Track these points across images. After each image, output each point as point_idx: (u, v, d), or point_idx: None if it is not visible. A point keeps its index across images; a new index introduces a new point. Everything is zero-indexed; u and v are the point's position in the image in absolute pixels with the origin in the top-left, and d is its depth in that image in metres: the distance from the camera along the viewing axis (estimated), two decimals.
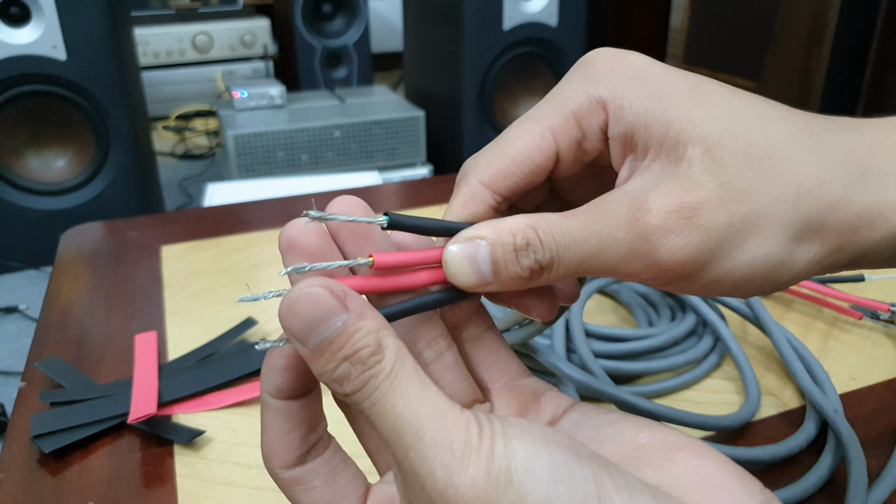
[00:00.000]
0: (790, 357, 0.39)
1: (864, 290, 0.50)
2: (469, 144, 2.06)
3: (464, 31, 1.93)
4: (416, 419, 0.18)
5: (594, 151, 0.23)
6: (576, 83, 0.23)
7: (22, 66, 1.57)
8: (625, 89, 0.22)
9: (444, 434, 0.17)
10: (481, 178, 0.23)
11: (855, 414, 0.38)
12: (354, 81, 2.64)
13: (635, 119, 0.22)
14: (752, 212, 0.20)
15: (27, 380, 0.41)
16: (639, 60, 0.23)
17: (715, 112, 0.21)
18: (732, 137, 0.21)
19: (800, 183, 0.21)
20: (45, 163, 1.71)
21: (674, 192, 0.21)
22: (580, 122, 0.23)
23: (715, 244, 0.20)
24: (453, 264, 0.21)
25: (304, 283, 0.18)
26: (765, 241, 0.21)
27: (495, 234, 0.21)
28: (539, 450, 0.17)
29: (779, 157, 0.21)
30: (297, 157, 1.93)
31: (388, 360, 0.18)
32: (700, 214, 0.20)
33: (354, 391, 0.18)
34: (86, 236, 0.61)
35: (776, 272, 0.21)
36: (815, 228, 0.21)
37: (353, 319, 0.18)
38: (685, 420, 0.34)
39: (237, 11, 2.87)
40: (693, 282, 0.21)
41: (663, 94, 0.22)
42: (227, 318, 0.48)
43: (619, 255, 0.21)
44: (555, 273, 0.21)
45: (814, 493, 0.32)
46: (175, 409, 0.39)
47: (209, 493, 0.33)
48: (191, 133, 2.69)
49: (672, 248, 0.20)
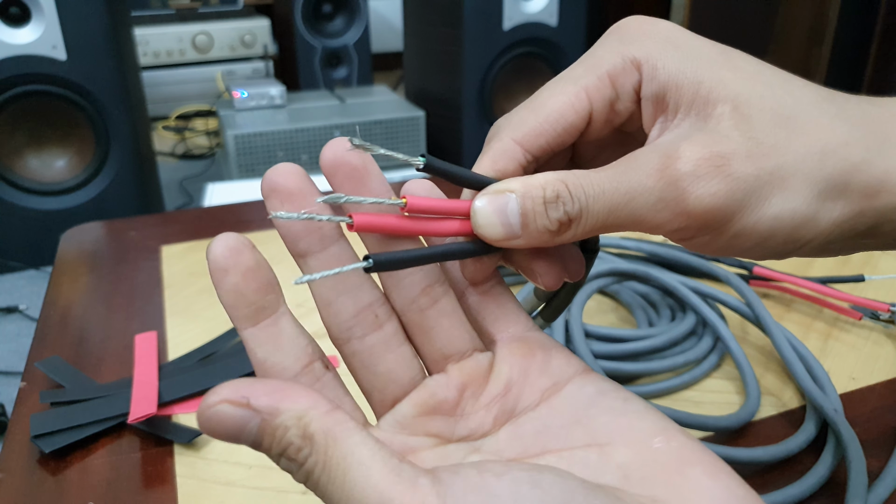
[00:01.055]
0: (790, 357, 0.39)
1: (864, 290, 0.50)
2: (469, 144, 2.06)
3: (464, 31, 1.93)
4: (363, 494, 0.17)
5: (626, 112, 0.24)
6: (610, 45, 0.24)
7: (22, 66, 1.57)
8: (658, 51, 0.23)
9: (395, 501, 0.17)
10: (514, 136, 0.23)
11: (855, 414, 0.38)
12: (354, 81, 2.64)
13: (667, 79, 0.22)
14: (779, 166, 0.21)
15: (27, 380, 0.41)
16: (670, 27, 0.23)
17: (743, 74, 0.22)
18: (760, 98, 0.21)
19: (825, 143, 0.21)
20: (45, 163, 1.71)
21: (704, 142, 0.21)
22: (614, 82, 0.23)
23: (743, 194, 0.21)
24: (482, 216, 0.21)
25: (204, 404, 0.18)
26: (791, 195, 0.21)
27: (525, 188, 0.21)
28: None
29: (804, 118, 0.21)
30: (297, 158, 1.93)
31: (317, 453, 0.18)
32: (729, 163, 0.21)
33: (305, 481, 0.18)
34: (86, 236, 0.61)
35: (800, 229, 0.21)
36: (840, 188, 0.21)
37: (267, 421, 0.18)
38: (685, 421, 0.34)
39: (237, 11, 2.87)
40: (718, 234, 0.21)
41: (694, 57, 0.22)
42: (227, 318, 0.48)
43: (649, 204, 0.21)
44: (583, 225, 0.21)
45: (814, 493, 0.32)
46: (175, 409, 0.39)
47: (209, 493, 0.33)
48: (191, 133, 2.69)
49: (701, 194, 0.20)
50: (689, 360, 0.41)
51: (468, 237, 0.22)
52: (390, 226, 0.21)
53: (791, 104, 0.22)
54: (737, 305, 0.43)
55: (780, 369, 0.42)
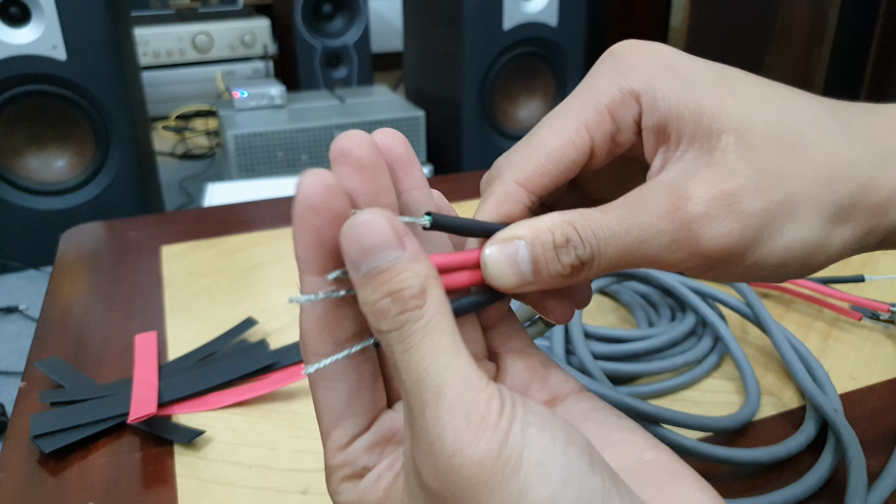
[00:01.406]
0: (790, 357, 0.39)
1: (864, 291, 0.50)
2: (469, 144, 2.06)
3: (464, 31, 1.93)
4: (440, 377, 0.17)
5: (627, 143, 0.23)
6: (606, 76, 0.23)
7: (22, 66, 1.57)
8: (656, 80, 0.22)
9: (464, 401, 0.17)
10: (517, 178, 0.23)
11: (855, 414, 0.38)
12: (354, 81, 2.64)
13: (668, 110, 0.22)
14: (789, 196, 0.21)
15: (27, 380, 0.41)
16: (665, 51, 0.23)
17: (744, 99, 0.22)
18: (764, 123, 0.21)
19: (832, 166, 0.21)
20: (45, 163, 1.71)
21: (712, 180, 0.21)
22: (614, 116, 0.23)
23: (755, 230, 0.21)
24: (493, 266, 0.21)
25: (371, 211, 0.18)
26: (802, 224, 0.21)
27: (533, 233, 0.21)
28: (556, 447, 0.17)
29: (810, 142, 0.21)
30: (297, 157, 1.93)
31: (427, 309, 0.18)
32: (740, 201, 0.20)
33: (389, 330, 0.18)
34: (86, 236, 0.61)
35: (812, 255, 0.21)
36: (849, 210, 0.21)
37: (407, 258, 0.18)
38: (684, 421, 0.34)
39: (237, 11, 2.87)
40: (733, 268, 0.21)
41: (693, 84, 0.22)
42: (227, 318, 0.48)
43: (662, 246, 0.21)
44: (595, 268, 0.21)
45: (814, 493, 0.32)
46: (175, 409, 0.39)
47: (209, 493, 0.33)
48: (191, 133, 2.69)
49: (715, 235, 0.20)
50: (688, 360, 0.41)
51: (479, 286, 0.22)
52: None
53: (795, 127, 0.21)
54: (737, 305, 0.43)
55: (780, 369, 0.42)
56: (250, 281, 0.53)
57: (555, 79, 2.11)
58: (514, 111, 2.14)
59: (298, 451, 0.36)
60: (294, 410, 0.39)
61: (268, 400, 0.40)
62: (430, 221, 0.21)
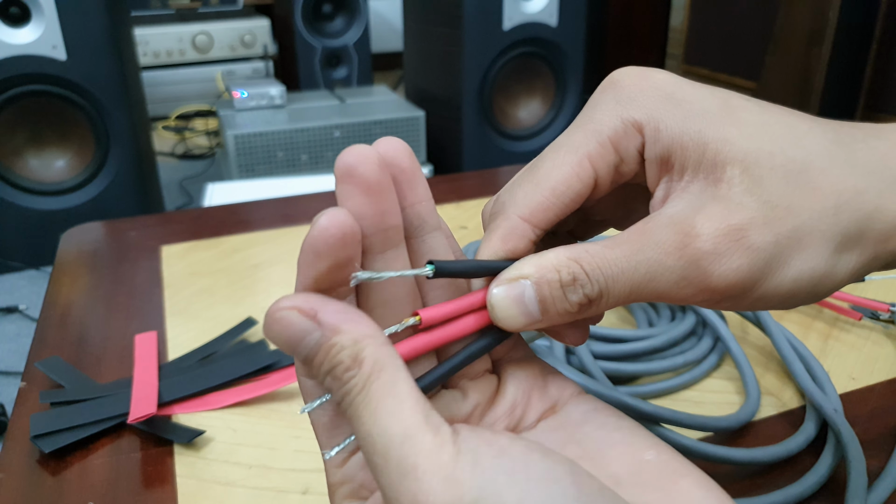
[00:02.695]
0: (790, 357, 0.39)
1: (864, 291, 0.50)
2: (469, 144, 2.06)
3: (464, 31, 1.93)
4: (382, 439, 0.17)
5: (631, 173, 0.23)
6: (607, 107, 0.23)
7: (22, 66, 1.57)
8: (658, 111, 0.22)
9: (409, 459, 0.17)
10: (521, 213, 0.23)
11: (855, 414, 0.38)
12: (354, 81, 2.64)
13: (671, 141, 0.22)
14: (796, 228, 0.21)
15: (27, 380, 0.41)
16: (666, 79, 0.23)
17: (748, 129, 0.21)
18: (769, 155, 0.21)
19: (838, 195, 0.21)
20: (45, 163, 1.71)
21: (719, 215, 0.20)
22: (617, 147, 0.23)
23: (764, 263, 0.20)
24: (500, 308, 0.21)
25: (276, 305, 0.19)
26: (809, 255, 0.21)
27: (539, 272, 0.21)
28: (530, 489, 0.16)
29: (815, 171, 0.21)
30: (297, 157, 1.93)
31: (361, 376, 0.18)
32: (748, 235, 0.20)
33: (339, 402, 0.19)
34: (86, 236, 0.61)
35: (820, 285, 0.21)
36: (855, 239, 0.21)
37: (326, 336, 0.18)
38: (684, 421, 0.34)
39: (237, 11, 2.87)
40: (741, 300, 0.21)
41: (695, 114, 0.22)
42: (227, 318, 0.48)
43: (671, 283, 0.21)
44: (604, 304, 0.21)
45: (814, 493, 0.32)
46: (175, 409, 0.39)
47: (209, 493, 0.33)
48: (191, 133, 2.69)
49: (724, 272, 0.20)
50: (689, 360, 0.41)
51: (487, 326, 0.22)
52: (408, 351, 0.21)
53: (801, 157, 0.21)
54: None
55: (780, 369, 0.42)
56: (250, 281, 0.53)
57: (555, 79, 2.11)
58: (513, 111, 2.14)
59: (298, 451, 0.36)
60: (294, 410, 0.39)
61: (268, 400, 0.40)
62: (434, 270, 0.21)
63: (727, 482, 0.33)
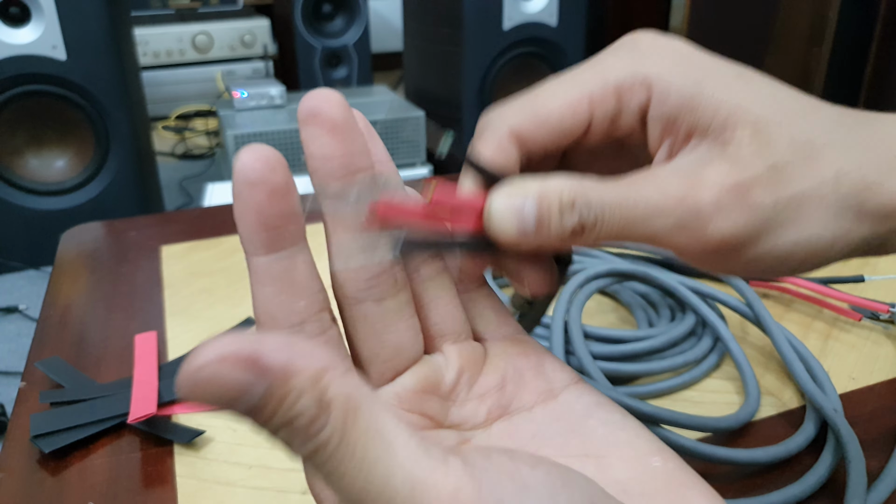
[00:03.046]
0: (790, 357, 0.39)
1: (864, 291, 0.50)
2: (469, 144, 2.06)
3: (464, 31, 1.93)
4: (384, 495, 0.14)
5: (627, 129, 0.23)
6: (622, 56, 0.23)
7: (22, 66, 1.57)
8: (672, 71, 0.22)
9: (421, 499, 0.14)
10: (512, 125, 0.23)
11: (855, 414, 0.38)
12: (354, 81, 2.64)
13: (682, 101, 0.22)
14: (797, 193, 0.21)
15: (27, 380, 0.41)
16: (684, 45, 0.23)
17: (761, 98, 0.22)
18: (777, 124, 0.21)
19: (839, 167, 0.21)
20: (45, 163, 1.71)
21: (727, 171, 0.21)
22: (620, 97, 0.23)
23: (760, 223, 0.21)
24: (498, 215, 0.21)
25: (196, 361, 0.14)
26: (808, 221, 0.21)
27: (542, 190, 0.21)
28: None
29: (819, 144, 0.21)
30: (297, 157, 1.93)
31: (333, 425, 0.14)
32: (750, 193, 0.21)
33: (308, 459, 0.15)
34: (86, 236, 0.61)
35: (816, 253, 0.21)
36: (855, 210, 0.21)
37: (278, 383, 0.14)
38: (684, 422, 0.34)
39: (237, 11, 2.87)
40: (733, 258, 0.21)
41: (711, 77, 0.22)
42: (227, 318, 0.48)
43: (666, 227, 0.21)
44: (595, 235, 0.21)
45: (813, 493, 0.32)
46: (175, 409, 0.39)
47: (209, 493, 0.33)
48: (191, 133, 2.69)
49: (722, 225, 0.21)
50: (688, 360, 0.41)
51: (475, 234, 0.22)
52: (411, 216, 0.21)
53: (807, 129, 0.22)
54: (737, 305, 0.43)
55: (779, 369, 0.42)
56: None
57: None
58: None
59: None
60: None
61: None
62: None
63: (727, 482, 0.33)
